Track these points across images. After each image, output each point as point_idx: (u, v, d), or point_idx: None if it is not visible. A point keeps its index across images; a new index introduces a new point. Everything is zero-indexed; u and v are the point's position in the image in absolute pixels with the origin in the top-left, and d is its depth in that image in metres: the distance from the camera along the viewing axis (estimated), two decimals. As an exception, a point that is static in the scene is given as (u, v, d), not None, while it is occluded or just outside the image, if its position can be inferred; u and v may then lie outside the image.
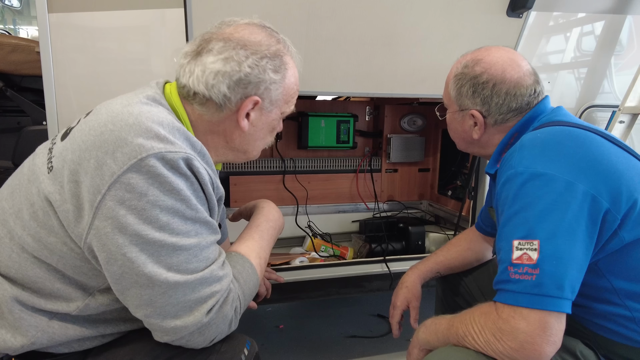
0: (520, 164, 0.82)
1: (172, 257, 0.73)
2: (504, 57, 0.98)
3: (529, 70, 0.98)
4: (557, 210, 0.75)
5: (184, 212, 0.74)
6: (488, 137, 1.02)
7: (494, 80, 0.96)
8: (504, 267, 0.78)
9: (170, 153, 0.72)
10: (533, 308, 0.73)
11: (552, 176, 0.78)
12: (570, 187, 0.76)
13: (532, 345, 0.72)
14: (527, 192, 0.79)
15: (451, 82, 1.03)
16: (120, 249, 0.70)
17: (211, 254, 0.79)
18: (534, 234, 0.75)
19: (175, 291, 0.73)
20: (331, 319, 2.08)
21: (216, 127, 0.87)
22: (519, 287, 0.74)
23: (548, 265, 0.73)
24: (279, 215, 1.08)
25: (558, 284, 0.73)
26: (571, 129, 0.86)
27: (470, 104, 0.99)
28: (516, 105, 0.96)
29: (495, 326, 0.76)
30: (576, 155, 0.80)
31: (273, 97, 0.87)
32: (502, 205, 0.84)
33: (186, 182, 0.74)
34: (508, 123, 0.98)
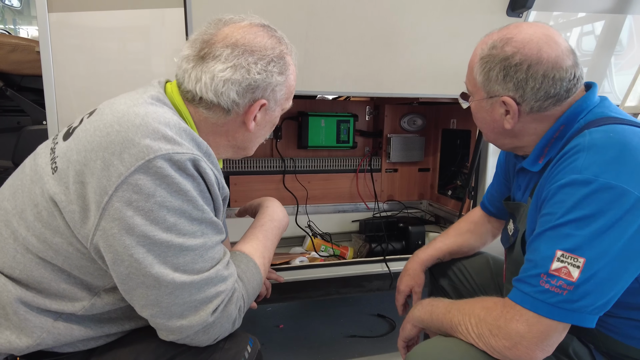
0: (588, 168, 0.73)
1: (179, 258, 0.73)
2: (537, 33, 0.84)
3: (568, 49, 0.84)
4: (618, 229, 0.70)
5: (190, 213, 0.74)
6: (522, 126, 0.89)
7: (529, 61, 0.82)
8: (536, 272, 0.74)
9: (178, 154, 0.73)
10: (546, 317, 0.71)
11: (625, 192, 0.70)
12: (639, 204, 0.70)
13: (524, 347, 0.72)
14: (592, 203, 0.71)
15: (477, 66, 0.90)
16: (127, 250, 0.70)
17: (216, 253, 0.79)
18: (582, 251, 0.70)
19: (182, 291, 0.74)
20: (331, 318, 2.08)
21: (220, 128, 0.88)
22: (544, 297, 0.71)
23: (587, 286, 0.70)
24: (284, 214, 1.08)
25: (591, 304, 0.70)
26: None
27: (502, 90, 0.86)
28: (554, 90, 0.83)
29: (495, 323, 0.75)
30: None
31: (278, 98, 0.89)
32: (555, 207, 0.75)
33: (193, 183, 0.75)
34: (546, 112, 0.86)
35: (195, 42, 0.84)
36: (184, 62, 0.84)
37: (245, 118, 0.87)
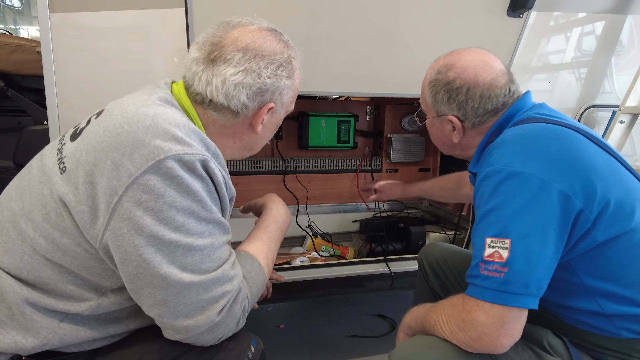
0: (498, 161, 0.83)
1: (187, 258, 0.74)
2: (475, 59, 0.98)
3: (502, 70, 0.98)
4: (531, 210, 0.77)
5: (199, 213, 0.75)
6: (468, 139, 1.03)
7: (468, 84, 0.96)
8: (475, 262, 0.80)
9: (188, 155, 0.73)
10: (495, 303, 0.75)
11: (529, 175, 0.79)
12: (546, 187, 0.78)
13: (489, 336, 0.75)
14: (503, 190, 0.80)
15: (426, 89, 1.04)
16: (136, 249, 0.71)
17: (223, 254, 0.80)
18: (507, 233, 0.77)
19: (189, 291, 0.74)
20: (332, 318, 2.08)
21: (228, 129, 0.89)
22: (487, 283, 0.77)
23: (517, 264, 0.75)
24: (287, 214, 1.09)
25: (524, 282, 0.75)
26: (553, 127, 0.87)
27: (447, 110, 1.00)
28: (491, 106, 0.97)
29: (460, 317, 0.79)
30: (556, 154, 0.81)
31: (284, 101, 0.91)
32: (479, 201, 0.85)
33: (202, 183, 0.75)
34: (486, 124, 0.99)
35: (204, 45, 0.84)
36: (193, 65, 0.84)
37: (253, 120, 0.88)
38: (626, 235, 0.81)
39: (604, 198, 0.79)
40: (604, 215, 0.79)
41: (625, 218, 0.81)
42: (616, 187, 0.81)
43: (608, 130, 1.80)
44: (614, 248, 0.81)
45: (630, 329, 0.83)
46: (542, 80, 1.82)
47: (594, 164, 0.82)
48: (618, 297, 0.82)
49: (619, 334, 0.83)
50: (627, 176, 0.86)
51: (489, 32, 1.53)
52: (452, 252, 1.36)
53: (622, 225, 0.80)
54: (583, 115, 1.88)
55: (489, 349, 0.77)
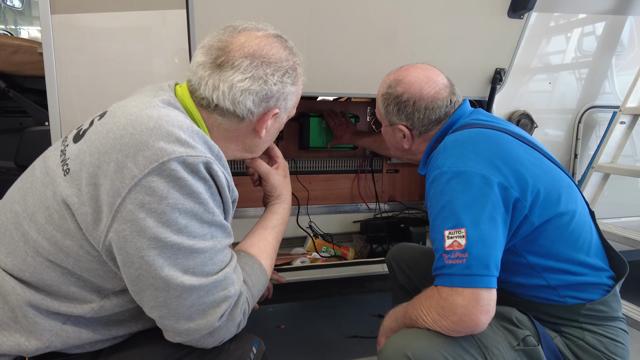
0: (444, 164, 0.94)
1: (189, 260, 0.74)
2: (420, 75, 1.10)
3: (444, 84, 1.11)
4: (478, 201, 0.88)
5: (201, 216, 0.75)
6: (416, 145, 1.17)
7: (414, 98, 1.09)
8: (439, 255, 0.89)
9: (191, 157, 0.73)
10: (465, 287, 0.84)
11: (471, 172, 0.91)
12: (487, 181, 0.90)
13: (469, 316, 0.83)
14: (452, 188, 0.91)
15: (379, 101, 1.16)
16: (138, 252, 0.71)
17: (225, 257, 0.80)
18: (461, 223, 0.87)
19: (190, 294, 0.74)
20: (332, 319, 2.08)
21: (232, 133, 0.90)
22: (453, 270, 0.86)
23: (475, 248, 0.85)
24: (289, 214, 1.09)
25: (484, 264, 0.85)
26: (485, 130, 1.00)
27: (397, 120, 1.13)
28: (435, 117, 1.09)
29: (438, 305, 0.87)
30: (490, 153, 0.93)
31: (288, 106, 0.92)
32: (432, 201, 0.95)
33: (205, 185, 0.75)
34: (431, 132, 1.12)
35: (210, 49, 0.84)
36: (199, 69, 0.84)
37: (257, 125, 0.90)
38: (556, 218, 0.94)
39: (535, 188, 0.92)
40: (537, 203, 0.92)
41: (554, 204, 0.94)
42: (543, 178, 0.95)
43: (608, 131, 1.80)
44: (548, 229, 0.94)
45: (573, 296, 0.96)
46: (542, 81, 1.82)
47: (522, 159, 0.95)
48: (557, 270, 0.95)
49: (565, 301, 0.96)
50: (552, 168, 1.00)
51: (489, 33, 1.53)
52: (415, 251, 1.48)
53: (552, 209, 0.94)
54: (584, 116, 1.88)
55: (471, 328, 0.84)
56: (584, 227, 0.98)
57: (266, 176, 1.06)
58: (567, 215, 0.95)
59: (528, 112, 1.76)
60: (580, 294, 0.96)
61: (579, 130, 1.87)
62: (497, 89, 1.62)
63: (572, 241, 0.96)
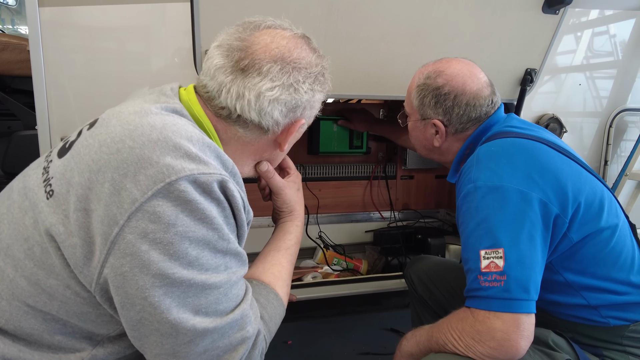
0: (478, 177, 0.88)
1: (200, 299, 0.62)
2: (464, 69, 1.04)
3: (486, 82, 1.05)
4: (516, 219, 0.83)
5: (215, 244, 0.63)
6: (448, 145, 1.09)
7: (456, 92, 1.02)
8: (474, 276, 0.83)
9: (204, 175, 0.62)
10: (503, 312, 0.79)
11: (507, 188, 0.85)
12: (525, 197, 0.84)
13: (509, 342, 0.78)
14: (487, 204, 0.85)
15: (414, 92, 1.08)
16: (141, 292, 0.59)
17: (240, 290, 0.68)
18: (499, 243, 0.82)
19: (203, 339, 0.62)
20: (342, 334, 1.98)
21: (251, 147, 0.80)
22: (490, 293, 0.80)
23: (514, 270, 0.80)
24: (302, 232, 0.97)
25: (524, 287, 0.80)
26: (520, 140, 0.94)
27: (433, 114, 1.06)
28: (475, 115, 1.03)
29: (473, 329, 0.81)
30: (527, 166, 0.88)
31: (312, 115, 0.83)
32: (464, 217, 0.89)
33: (218, 208, 0.64)
34: (467, 132, 1.06)
35: (230, 50, 0.73)
36: (219, 74, 0.73)
37: (280, 137, 0.80)
38: (596, 233, 0.88)
39: (575, 201, 0.87)
40: (577, 217, 0.87)
41: (594, 218, 0.88)
42: (584, 190, 0.89)
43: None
44: (587, 245, 0.88)
45: (616, 317, 0.90)
46: (571, 82, 1.70)
47: (561, 171, 0.89)
48: (597, 289, 0.90)
49: (607, 322, 0.90)
50: (590, 179, 0.93)
51: (521, 30, 1.41)
52: (438, 264, 1.41)
53: (592, 224, 0.88)
54: (615, 120, 1.76)
55: (510, 355, 0.79)
56: (625, 242, 0.92)
57: (279, 191, 0.93)
58: (608, 230, 0.90)
59: (557, 116, 1.64)
60: (624, 314, 0.90)
61: (610, 135, 1.75)
62: (527, 91, 1.50)
63: (613, 258, 0.90)
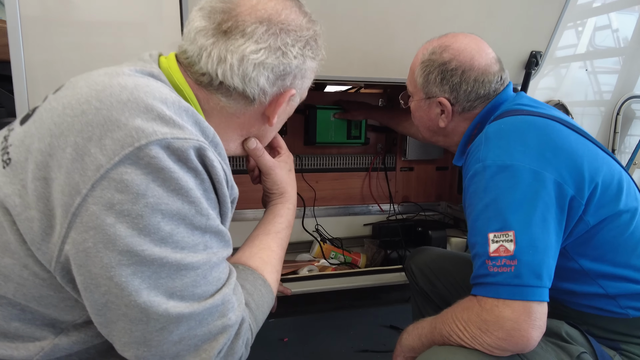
0: (487, 157, 0.83)
1: (175, 280, 0.56)
2: (471, 44, 0.98)
3: (495, 58, 0.99)
4: (528, 200, 0.77)
5: (192, 219, 0.57)
6: (454, 125, 1.03)
7: (463, 67, 0.96)
8: (481, 261, 0.79)
9: (179, 140, 0.55)
10: (513, 299, 0.74)
11: (519, 167, 0.79)
12: (538, 177, 0.79)
13: (519, 331, 0.73)
14: (496, 184, 0.80)
15: (417, 69, 1.02)
16: (106, 270, 0.52)
17: (222, 273, 0.62)
18: (509, 225, 0.77)
19: (178, 325, 0.56)
20: (340, 330, 1.92)
21: (236, 119, 0.74)
22: (499, 279, 0.75)
23: (525, 255, 0.75)
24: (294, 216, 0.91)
25: (536, 273, 0.75)
26: (532, 118, 0.88)
27: (438, 92, 1.00)
28: (484, 92, 0.97)
29: (480, 318, 0.76)
30: (540, 145, 0.82)
31: (304, 86, 0.77)
32: (472, 199, 0.84)
33: (196, 179, 0.58)
34: (474, 110, 1.00)
35: (212, 12, 0.67)
36: (199, 37, 0.67)
37: (268, 109, 0.74)
38: (614, 217, 0.83)
39: (592, 182, 0.81)
40: (593, 199, 0.81)
41: (612, 200, 0.83)
42: (601, 170, 0.83)
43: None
44: (604, 229, 0.83)
45: (636, 307, 0.84)
46: (577, 68, 1.64)
47: (576, 150, 0.83)
48: (616, 277, 0.84)
49: (626, 313, 0.84)
50: (607, 159, 0.88)
51: (527, 10, 1.35)
52: (440, 255, 1.35)
53: (610, 207, 0.82)
54: (622, 107, 1.69)
55: (520, 346, 0.74)
56: None
57: (269, 171, 0.86)
58: (627, 213, 0.84)
59: (563, 103, 1.58)
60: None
61: (617, 123, 1.69)
62: (532, 75, 1.44)
63: (633, 243, 0.85)
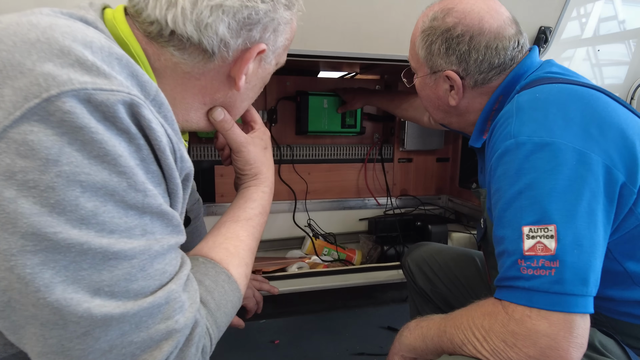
0: (520, 131, 0.69)
1: (102, 272, 0.44)
2: (479, 3, 0.83)
3: (510, 18, 0.84)
4: (573, 187, 0.64)
5: (123, 195, 0.45)
6: (467, 102, 0.88)
7: (471, 31, 0.82)
8: (512, 260, 0.65)
9: (103, 92, 0.43)
10: (551, 310, 0.62)
11: (561, 145, 0.66)
12: (584, 159, 0.65)
13: (556, 350, 0.60)
14: (533, 166, 0.66)
15: (418, 40, 0.88)
16: (5, 259, 0.40)
17: (168, 265, 0.50)
18: (549, 218, 0.63)
19: (106, 330, 0.44)
20: (334, 332, 1.84)
21: (195, 81, 0.61)
22: (534, 283, 0.63)
23: (570, 255, 0.62)
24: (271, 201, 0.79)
25: (582, 278, 0.62)
26: (573, 87, 0.73)
27: (444, 64, 0.86)
28: (499, 60, 0.83)
29: (506, 329, 0.64)
30: (584, 119, 0.69)
31: (278, 44, 0.65)
32: (500, 182, 0.70)
33: (130, 144, 0.46)
34: (490, 83, 0.85)
35: None
36: None
37: (233, 69, 0.62)
38: None
39: None
40: None
41: None
42: None
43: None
44: None
45: None
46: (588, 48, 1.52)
47: (626, 126, 0.69)
48: None
49: None
50: None
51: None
52: (440, 251, 1.24)
53: None
54: (637, 91, 1.58)
55: None
56: None
57: (240, 147, 0.74)
58: None
59: (574, 85, 1.46)
60: None
61: (632, 109, 1.57)
62: (541, 52, 1.32)
63: None
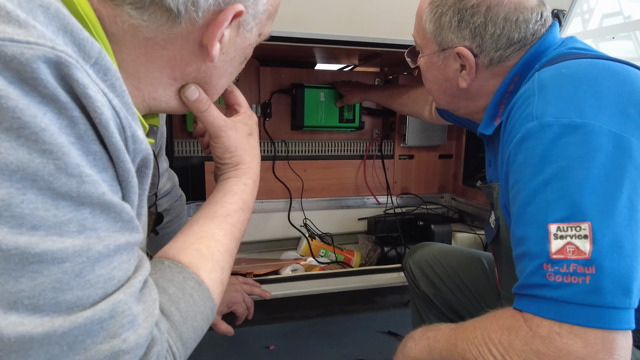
0: (545, 112, 0.60)
1: (20, 280, 0.35)
2: None
3: None
4: (609, 177, 0.55)
5: (50, 181, 0.35)
6: (480, 83, 0.79)
7: (488, 1, 0.72)
8: (536, 264, 0.57)
9: (14, 44, 0.34)
10: (587, 327, 0.52)
11: (594, 128, 0.57)
12: (622, 143, 0.56)
13: None
14: (562, 152, 0.57)
15: (426, 12, 0.79)
16: None
17: (116, 269, 0.40)
18: (583, 214, 0.54)
19: (26, 354, 0.35)
20: (332, 337, 1.77)
21: (161, 50, 0.51)
22: (565, 293, 0.53)
23: (608, 259, 0.52)
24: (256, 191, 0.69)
25: (624, 288, 0.52)
26: (606, 62, 0.64)
27: (456, 40, 0.76)
28: (519, 35, 0.73)
29: (529, 348, 0.55)
30: (619, 97, 0.60)
31: (259, 7, 0.55)
32: (521, 171, 0.61)
33: (59, 115, 0.36)
34: (507, 62, 0.75)
35: None
36: None
37: (205, 35, 0.51)
38: None
39: None
40: None
41: None
42: None
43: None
44: None
45: None
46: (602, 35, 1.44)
47: None
48: None
49: None
50: None
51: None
52: (445, 253, 1.16)
53: None
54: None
55: None
56: None
57: (218, 132, 0.64)
58: None
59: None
60: None
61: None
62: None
63: None
